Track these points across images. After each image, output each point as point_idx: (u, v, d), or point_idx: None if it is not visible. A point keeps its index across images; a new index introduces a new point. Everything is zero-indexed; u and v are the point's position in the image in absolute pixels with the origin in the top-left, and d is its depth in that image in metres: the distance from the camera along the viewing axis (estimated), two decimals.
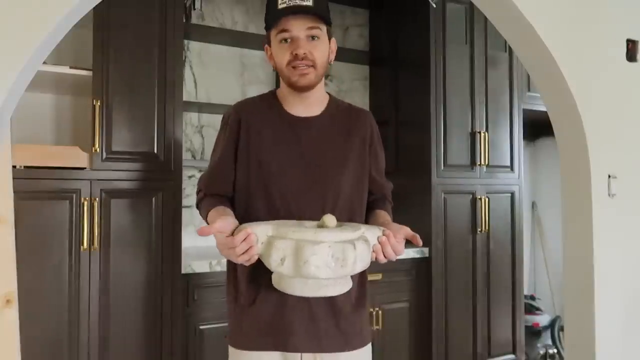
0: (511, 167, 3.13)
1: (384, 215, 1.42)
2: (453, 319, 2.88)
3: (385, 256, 1.20)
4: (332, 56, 1.38)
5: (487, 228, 2.99)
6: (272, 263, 1.11)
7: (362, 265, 1.13)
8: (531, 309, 3.64)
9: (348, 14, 3.34)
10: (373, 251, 1.18)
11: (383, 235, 1.20)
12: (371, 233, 1.20)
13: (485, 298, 2.99)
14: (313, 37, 1.29)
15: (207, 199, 1.42)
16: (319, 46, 1.30)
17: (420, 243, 1.20)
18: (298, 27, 1.27)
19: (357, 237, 1.14)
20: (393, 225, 1.28)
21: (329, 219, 1.20)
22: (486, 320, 3.00)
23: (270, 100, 1.42)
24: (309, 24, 1.28)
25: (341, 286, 1.22)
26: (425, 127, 2.85)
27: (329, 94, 1.45)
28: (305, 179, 1.34)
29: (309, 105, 1.39)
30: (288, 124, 1.37)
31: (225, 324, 2.40)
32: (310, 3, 1.26)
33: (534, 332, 3.52)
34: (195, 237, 2.84)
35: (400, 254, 1.23)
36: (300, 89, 1.33)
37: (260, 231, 1.15)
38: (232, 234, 1.16)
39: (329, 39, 1.35)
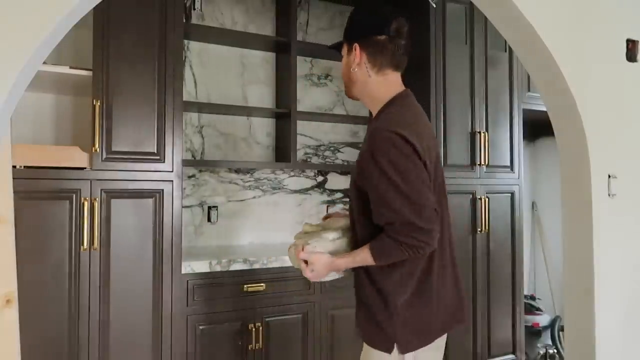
0: (511, 167, 3.13)
1: (352, 254, 1.42)
2: None
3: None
4: (354, 61, 1.43)
5: (487, 228, 2.99)
6: None
7: (296, 265, 1.50)
8: (531, 309, 3.64)
9: (348, 14, 3.33)
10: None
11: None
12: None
13: (485, 298, 2.99)
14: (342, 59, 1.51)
15: None
16: (342, 64, 1.50)
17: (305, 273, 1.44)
18: None
19: (294, 244, 1.51)
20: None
21: (304, 226, 1.58)
22: (486, 320, 3.00)
23: None
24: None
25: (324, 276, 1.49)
26: None
27: (390, 104, 1.42)
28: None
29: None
30: None
31: (225, 324, 2.42)
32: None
33: (534, 332, 3.52)
34: (196, 237, 2.84)
35: (306, 276, 1.44)
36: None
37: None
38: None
39: (350, 49, 1.45)
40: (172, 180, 2.24)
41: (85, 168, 2.10)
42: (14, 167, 1.83)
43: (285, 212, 3.10)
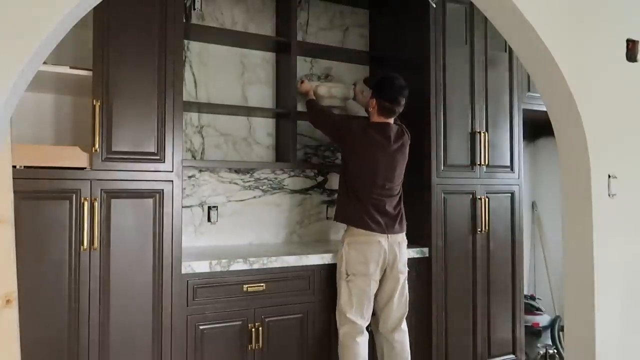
0: (511, 167, 3.13)
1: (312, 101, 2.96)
2: (453, 319, 2.89)
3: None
4: (371, 105, 2.59)
5: (487, 228, 2.99)
6: None
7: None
8: (531, 309, 3.64)
9: (348, 14, 3.34)
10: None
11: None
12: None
13: (485, 298, 2.99)
14: None
15: None
16: (367, 99, 2.71)
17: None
18: None
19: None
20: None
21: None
22: (486, 320, 3.00)
23: None
24: None
25: None
26: (425, 127, 2.85)
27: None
28: None
29: None
30: None
31: (225, 324, 2.41)
32: None
33: (534, 332, 3.52)
34: (195, 237, 2.84)
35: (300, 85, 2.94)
36: None
37: None
38: None
39: (372, 98, 2.58)
40: (172, 180, 2.24)
41: (85, 168, 2.10)
42: (14, 167, 1.83)
43: (285, 212, 3.10)
